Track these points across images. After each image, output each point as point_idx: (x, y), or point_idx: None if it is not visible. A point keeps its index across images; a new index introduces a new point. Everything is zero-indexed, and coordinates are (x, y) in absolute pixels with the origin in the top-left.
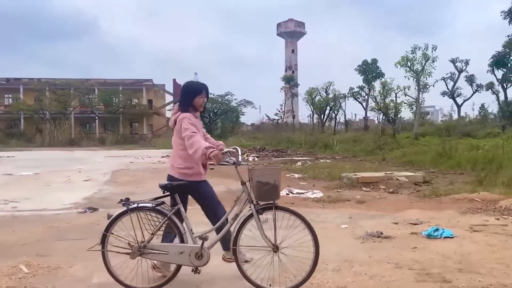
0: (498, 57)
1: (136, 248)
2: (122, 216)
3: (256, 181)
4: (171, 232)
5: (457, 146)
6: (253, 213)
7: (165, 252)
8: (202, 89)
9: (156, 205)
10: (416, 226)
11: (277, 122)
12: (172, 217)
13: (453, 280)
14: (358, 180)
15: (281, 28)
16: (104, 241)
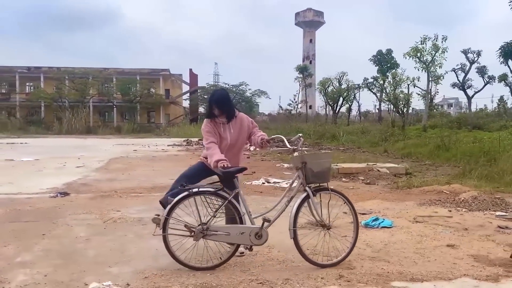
0: (506, 48)
1: (199, 230)
2: (183, 200)
3: (309, 167)
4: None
5: (460, 138)
6: (310, 194)
7: (227, 233)
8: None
9: (217, 189)
10: (363, 215)
11: (290, 113)
12: (232, 200)
13: (357, 267)
14: (339, 170)
15: (300, 18)
16: (166, 225)
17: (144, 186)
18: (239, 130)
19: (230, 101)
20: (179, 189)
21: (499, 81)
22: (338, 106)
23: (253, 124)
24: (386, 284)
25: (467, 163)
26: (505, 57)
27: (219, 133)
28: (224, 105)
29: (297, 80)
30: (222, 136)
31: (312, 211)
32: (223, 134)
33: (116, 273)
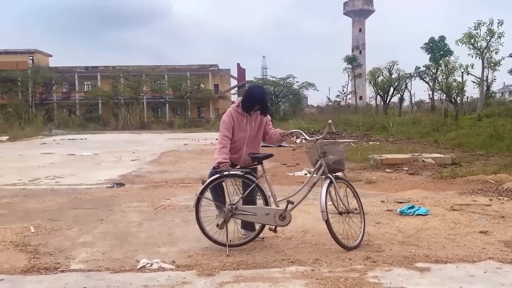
0: None
1: (229, 209)
2: (215, 181)
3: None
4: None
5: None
6: (333, 181)
7: (254, 213)
8: (258, 101)
9: (246, 173)
10: (401, 204)
11: (338, 104)
12: (259, 184)
13: (386, 250)
14: (382, 161)
15: (348, 7)
16: (198, 203)
17: (192, 177)
18: (259, 124)
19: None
20: (212, 171)
21: None
22: (388, 96)
23: (267, 122)
24: (409, 265)
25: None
26: None
27: (240, 126)
28: (266, 101)
29: (346, 70)
30: (242, 128)
31: (336, 197)
32: (244, 127)
33: (163, 252)
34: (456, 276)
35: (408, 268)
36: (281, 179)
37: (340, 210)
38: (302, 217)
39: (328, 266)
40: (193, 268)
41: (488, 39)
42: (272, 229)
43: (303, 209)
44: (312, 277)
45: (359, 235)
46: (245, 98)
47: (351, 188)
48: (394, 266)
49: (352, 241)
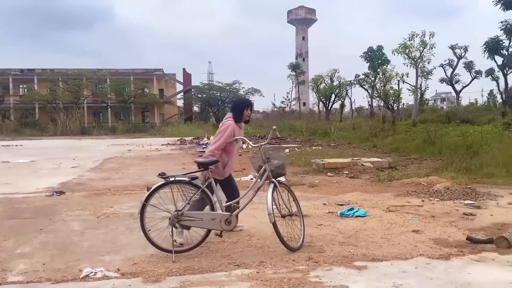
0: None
1: (174, 216)
2: (161, 188)
3: (272, 161)
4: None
5: (447, 132)
6: (276, 185)
7: (200, 219)
8: (249, 103)
9: (192, 179)
10: (341, 206)
11: (283, 110)
12: (205, 189)
13: (327, 251)
14: (324, 166)
15: (292, 15)
16: (143, 210)
17: (136, 184)
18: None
19: None
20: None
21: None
22: (330, 102)
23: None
24: (348, 264)
25: (449, 156)
26: (489, 52)
27: (236, 135)
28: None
29: (290, 77)
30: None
31: (279, 201)
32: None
33: (108, 261)
34: (390, 272)
35: (347, 267)
36: None
37: (283, 213)
38: (248, 221)
39: (273, 267)
40: (138, 275)
41: (421, 50)
42: (218, 234)
43: (249, 213)
44: (257, 279)
45: (301, 236)
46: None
47: (291, 192)
48: (334, 266)
49: (295, 242)
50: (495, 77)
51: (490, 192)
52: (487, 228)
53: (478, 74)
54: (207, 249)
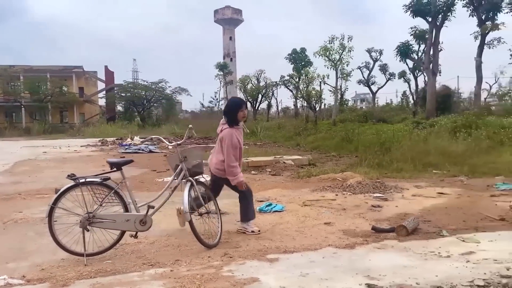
0: (402, 47)
1: (85, 218)
2: (70, 190)
3: (189, 160)
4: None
5: (364, 131)
6: (193, 184)
7: (113, 220)
8: (243, 104)
9: (104, 180)
10: (261, 202)
11: (211, 110)
12: (118, 190)
13: (243, 246)
14: (248, 164)
15: (218, 15)
16: (51, 213)
17: (51, 187)
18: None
19: None
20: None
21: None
22: (257, 102)
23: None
24: (262, 257)
25: (363, 153)
26: (401, 56)
27: (239, 140)
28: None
29: (218, 77)
30: (240, 142)
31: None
32: (241, 140)
33: (12, 268)
34: (299, 263)
35: (260, 260)
36: (150, 185)
37: (201, 212)
38: (167, 221)
39: (187, 265)
40: (46, 281)
41: (341, 53)
42: (133, 235)
43: (168, 213)
44: (170, 277)
45: (218, 233)
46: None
47: (208, 190)
48: (248, 260)
49: (212, 240)
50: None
51: (398, 185)
52: (392, 218)
53: (392, 76)
54: (122, 251)
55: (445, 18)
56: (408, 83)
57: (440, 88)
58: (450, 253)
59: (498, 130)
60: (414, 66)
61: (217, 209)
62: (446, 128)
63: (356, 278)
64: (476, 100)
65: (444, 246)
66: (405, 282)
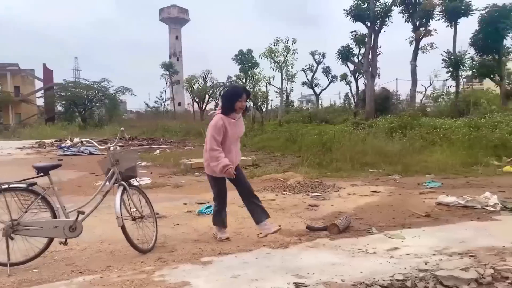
0: (342, 51)
1: (9, 226)
2: None
3: (121, 163)
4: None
5: (308, 131)
6: (126, 188)
7: (40, 227)
8: (242, 93)
9: (29, 185)
10: (201, 205)
11: (157, 110)
12: (45, 196)
13: (178, 250)
14: (192, 166)
15: (164, 14)
16: None
17: None
18: (242, 127)
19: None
20: None
21: (341, 80)
22: (204, 103)
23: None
24: (196, 260)
25: (305, 153)
26: (342, 59)
27: (228, 130)
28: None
29: (164, 77)
30: (229, 132)
31: (129, 204)
32: (231, 131)
33: None
34: (232, 265)
35: (194, 263)
36: (87, 189)
37: (134, 216)
38: (102, 226)
39: (119, 271)
40: None
41: (285, 55)
42: (62, 242)
43: (104, 218)
44: (99, 284)
45: (153, 238)
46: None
47: (143, 194)
48: (181, 263)
49: (147, 244)
50: (348, 81)
51: (335, 184)
52: (327, 217)
53: (334, 78)
54: (50, 259)
55: (383, 24)
56: (349, 86)
57: (379, 90)
58: (376, 250)
59: (430, 130)
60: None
61: (152, 213)
62: (383, 129)
63: (285, 277)
64: (411, 101)
65: (371, 243)
66: (331, 280)
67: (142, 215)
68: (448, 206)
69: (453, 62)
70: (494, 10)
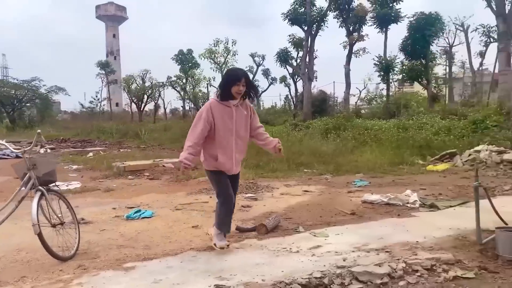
0: (281, 53)
1: None
2: None
3: (39, 168)
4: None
5: None
6: (44, 193)
7: None
8: (242, 77)
9: None
10: (131, 209)
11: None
12: None
13: (101, 256)
14: (125, 169)
15: (101, 11)
16: None
17: None
18: (246, 116)
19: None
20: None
21: (280, 82)
22: (143, 103)
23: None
24: (118, 266)
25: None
26: (281, 62)
27: (217, 119)
28: (251, 83)
29: (100, 76)
30: (219, 122)
31: (48, 210)
32: (222, 121)
33: None
34: (156, 269)
35: (116, 269)
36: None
37: (54, 222)
38: (21, 234)
39: (33, 281)
40: None
41: (226, 56)
42: None
43: (24, 225)
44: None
45: (75, 245)
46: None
47: (64, 199)
48: (103, 270)
49: (68, 252)
50: (287, 83)
51: (270, 185)
52: (258, 217)
53: (274, 80)
54: None
55: (319, 28)
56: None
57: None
58: (300, 248)
59: (362, 131)
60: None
61: (74, 219)
62: (319, 130)
63: (208, 280)
64: (345, 104)
65: (296, 242)
66: (252, 280)
67: (63, 222)
68: (373, 204)
69: (384, 66)
70: (421, 17)
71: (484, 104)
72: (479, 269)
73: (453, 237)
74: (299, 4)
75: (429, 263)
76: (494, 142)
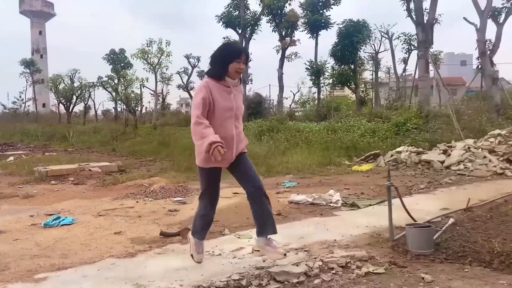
0: None
1: None
2: None
3: None
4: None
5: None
6: None
7: None
8: (241, 52)
9: None
10: (50, 216)
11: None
12: None
13: (11, 268)
14: (48, 173)
15: (25, 6)
16: None
17: None
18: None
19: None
20: None
21: None
22: (71, 104)
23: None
24: (29, 278)
25: (177, 157)
26: None
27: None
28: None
29: (24, 75)
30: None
31: None
32: (223, 102)
33: None
34: (69, 279)
35: (26, 281)
36: None
37: None
38: None
39: None
40: None
41: (159, 56)
42: None
43: None
44: None
45: None
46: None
47: None
48: (11, 283)
49: None
50: None
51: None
52: (185, 221)
53: None
54: None
55: (253, 32)
56: None
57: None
58: (223, 251)
59: (295, 133)
60: None
61: None
62: (253, 132)
63: (124, 287)
64: (279, 106)
65: (220, 245)
66: (170, 285)
67: None
68: (298, 204)
69: (315, 71)
70: (350, 24)
71: (406, 108)
72: (390, 264)
73: (368, 234)
74: (233, 7)
75: (344, 261)
76: (414, 144)
